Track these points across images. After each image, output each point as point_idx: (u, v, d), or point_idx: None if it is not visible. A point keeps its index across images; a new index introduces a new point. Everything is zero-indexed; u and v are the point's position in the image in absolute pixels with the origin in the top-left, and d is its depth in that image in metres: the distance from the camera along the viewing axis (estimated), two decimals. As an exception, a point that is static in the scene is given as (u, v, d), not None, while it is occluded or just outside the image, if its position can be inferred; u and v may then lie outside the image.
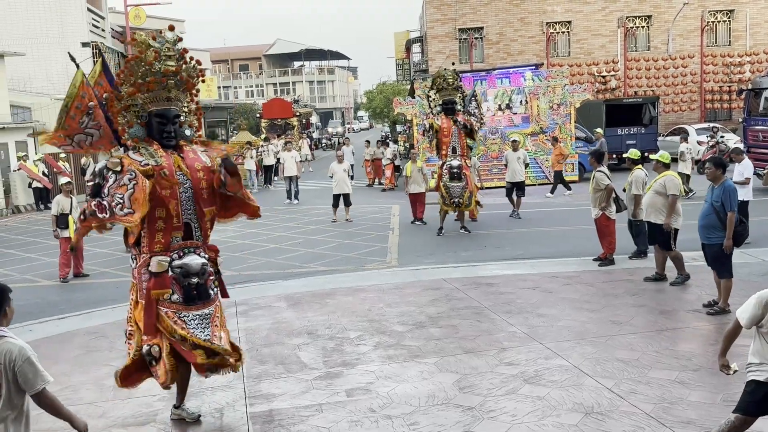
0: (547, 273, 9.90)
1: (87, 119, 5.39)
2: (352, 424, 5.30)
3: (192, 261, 5.18)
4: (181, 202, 5.15)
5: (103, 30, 33.08)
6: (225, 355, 5.18)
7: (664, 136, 26.42)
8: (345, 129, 66.12)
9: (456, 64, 24.89)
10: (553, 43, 33.28)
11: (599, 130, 22.14)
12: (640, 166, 10.19)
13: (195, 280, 5.15)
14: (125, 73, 5.15)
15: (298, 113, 37.06)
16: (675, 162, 13.13)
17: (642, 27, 33.52)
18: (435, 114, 13.80)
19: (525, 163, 16.16)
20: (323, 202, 18.32)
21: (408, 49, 44.42)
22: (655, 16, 33.14)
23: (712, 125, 25.31)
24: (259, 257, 12.57)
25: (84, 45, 28.09)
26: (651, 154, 11.61)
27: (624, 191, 10.36)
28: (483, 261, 11.10)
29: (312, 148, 38.07)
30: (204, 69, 5.51)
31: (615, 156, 21.89)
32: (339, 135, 52.47)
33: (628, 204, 10.23)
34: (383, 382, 6.11)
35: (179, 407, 5.57)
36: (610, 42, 33.35)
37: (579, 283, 9.24)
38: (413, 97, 21.37)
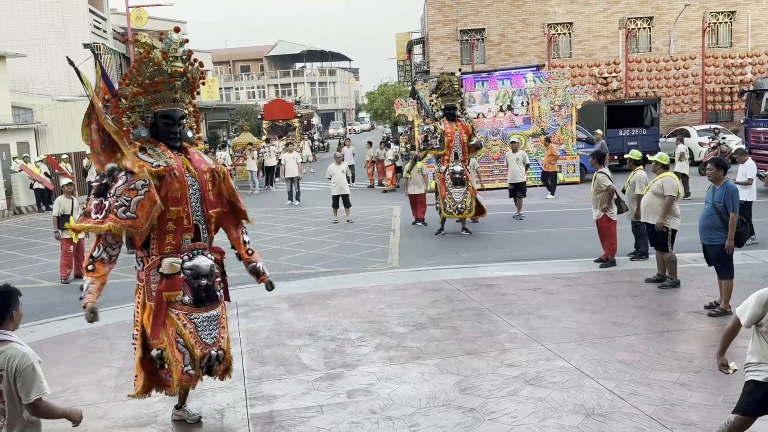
0: (549, 274, 9.90)
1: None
2: (352, 425, 5.30)
3: (202, 262, 5.20)
4: (191, 203, 5.17)
5: (105, 31, 33.10)
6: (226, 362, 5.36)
7: (665, 137, 26.40)
8: (346, 130, 66.08)
9: (457, 65, 24.88)
10: (555, 45, 33.25)
11: (599, 131, 22.13)
12: (641, 167, 10.19)
13: (204, 281, 5.17)
14: (133, 74, 5.11)
15: (299, 114, 37.07)
16: (674, 163, 13.12)
17: (643, 28, 33.51)
18: (438, 118, 13.75)
19: (526, 164, 16.13)
20: (324, 203, 18.31)
21: (409, 51, 44.45)
22: (657, 17, 33.14)
23: (713, 127, 25.31)
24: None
25: (85, 46, 28.07)
26: (651, 155, 11.59)
27: (623, 192, 10.36)
28: (484, 262, 11.10)
29: (313, 149, 38.04)
30: (205, 70, 5.51)
31: (616, 157, 21.88)
32: (341, 136, 52.23)
33: (629, 205, 10.22)
34: (384, 383, 6.11)
35: (180, 408, 5.57)
36: (611, 43, 33.35)
37: (580, 285, 9.23)
38: (414, 99, 21.30)
